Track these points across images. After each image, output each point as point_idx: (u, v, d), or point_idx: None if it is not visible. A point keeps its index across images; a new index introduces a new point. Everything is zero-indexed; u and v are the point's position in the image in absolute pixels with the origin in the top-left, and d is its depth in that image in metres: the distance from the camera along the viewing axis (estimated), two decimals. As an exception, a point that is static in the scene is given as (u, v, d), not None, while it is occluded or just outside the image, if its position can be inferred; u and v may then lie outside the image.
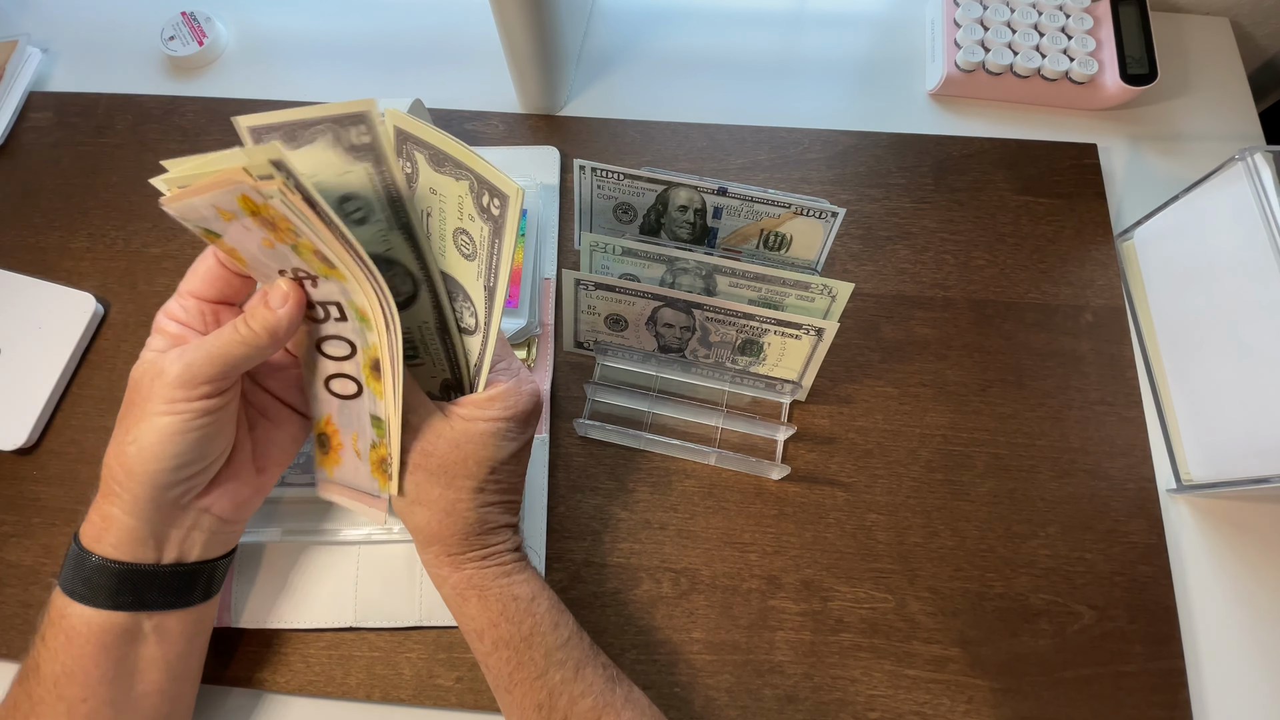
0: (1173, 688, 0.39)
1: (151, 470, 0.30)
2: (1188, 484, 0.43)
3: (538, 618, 0.33)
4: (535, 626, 0.33)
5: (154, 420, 0.30)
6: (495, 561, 0.34)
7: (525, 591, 0.34)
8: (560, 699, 0.32)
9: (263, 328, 0.30)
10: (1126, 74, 0.51)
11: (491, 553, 0.34)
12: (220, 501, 0.34)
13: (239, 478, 0.34)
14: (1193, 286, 0.44)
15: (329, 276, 0.30)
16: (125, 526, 0.31)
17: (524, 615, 0.33)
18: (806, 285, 0.41)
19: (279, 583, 0.41)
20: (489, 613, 0.33)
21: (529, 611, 0.33)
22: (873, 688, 0.40)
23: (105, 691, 0.32)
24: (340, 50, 0.58)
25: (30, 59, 0.56)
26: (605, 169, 0.42)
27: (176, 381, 0.30)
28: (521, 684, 0.33)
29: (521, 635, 0.33)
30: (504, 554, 0.34)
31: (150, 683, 0.33)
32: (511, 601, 0.33)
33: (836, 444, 0.45)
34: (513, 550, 0.35)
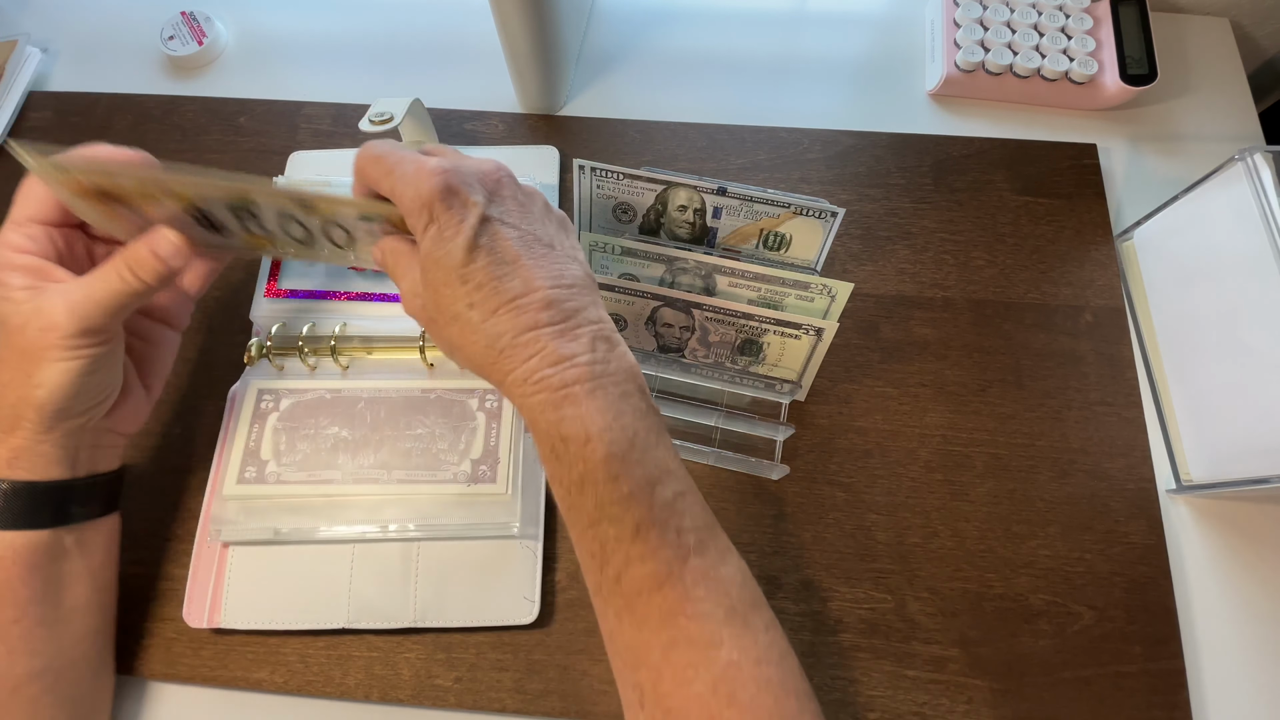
0: (1172, 688, 0.39)
1: (62, 407, 0.33)
2: (1187, 484, 0.43)
3: (590, 464, 0.27)
4: (587, 473, 0.27)
5: (56, 365, 0.32)
6: (535, 389, 0.28)
7: (576, 431, 0.27)
8: (614, 556, 0.28)
9: (153, 276, 0.33)
10: (1126, 74, 0.51)
11: (522, 379, 0.28)
12: (120, 418, 0.37)
13: (131, 395, 0.37)
14: (1193, 286, 0.44)
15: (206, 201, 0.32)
16: (39, 452, 0.33)
17: (574, 459, 0.28)
18: (806, 285, 0.41)
19: (271, 583, 0.40)
20: (540, 447, 0.29)
21: (580, 456, 0.27)
22: (872, 688, 0.40)
23: (36, 610, 0.34)
24: (340, 50, 0.58)
25: (30, 59, 0.56)
26: (605, 169, 0.42)
27: (74, 330, 0.31)
28: (575, 526, 0.29)
29: (572, 479, 0.28)
30: (544, 381, 0.28)
31: (77, 597, 0.36)
32: (560, 442, 0.28)
33: (836, 444, 0.45)
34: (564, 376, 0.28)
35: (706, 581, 0.27)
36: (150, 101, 0.55)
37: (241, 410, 0.42)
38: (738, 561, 0.29)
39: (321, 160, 0.51)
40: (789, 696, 0.27)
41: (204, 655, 0.40)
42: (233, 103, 0.55)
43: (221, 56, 0.58)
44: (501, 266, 0.29)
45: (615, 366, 0.29)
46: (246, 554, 0.41)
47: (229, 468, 0.41)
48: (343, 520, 0.41)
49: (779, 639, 0.28)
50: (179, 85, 0.56)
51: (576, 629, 0.41)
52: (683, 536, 0.28)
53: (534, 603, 0.40)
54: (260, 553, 0.41)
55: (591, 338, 0.29)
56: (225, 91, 0.55)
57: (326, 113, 0.54)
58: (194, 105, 0.55)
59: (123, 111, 0.55)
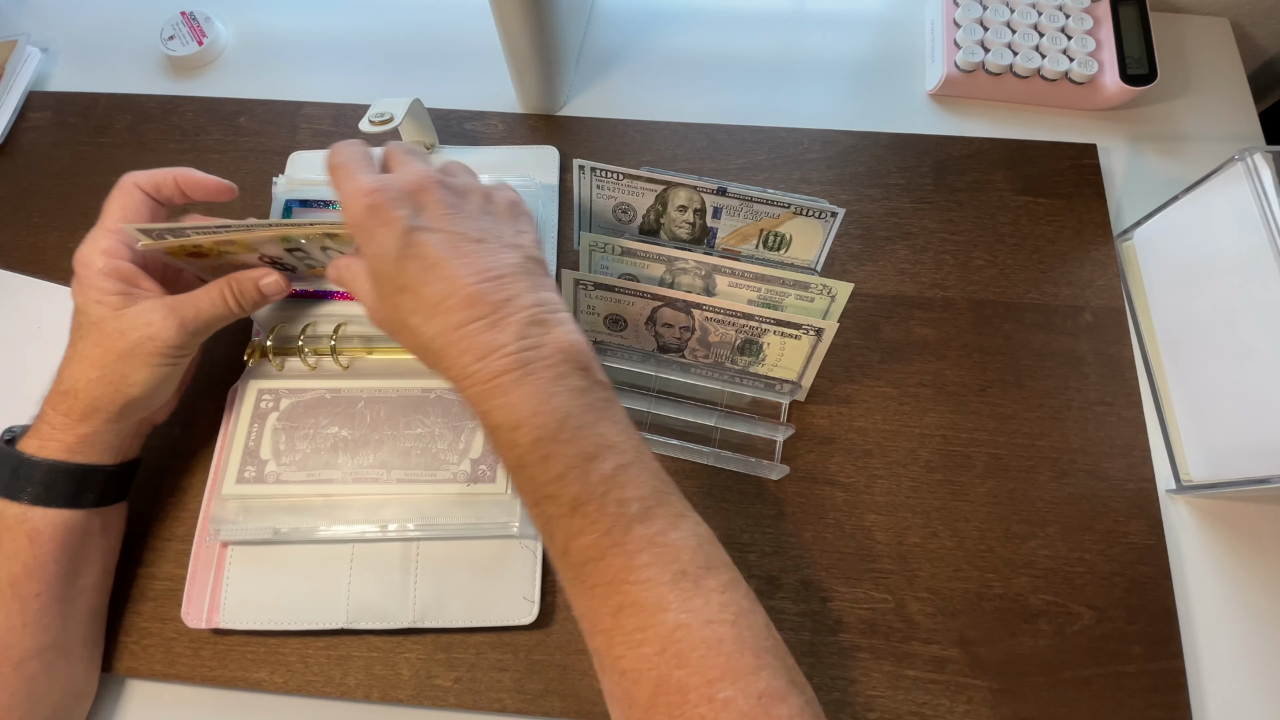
0: (1172, 688, 0.39)
1: (144, 403, 0.37)
2: (1187, 484, 0.43)
3: (521, 449, 0.29)
4: (522, 457, 0.29)
5: (154, 369, 0.36)
6: (469, 384, 0.30)
7: (505, 419, 0.29)
8: (558, 531, 0.29)
9: (251, 305, 0.39)
10: (1126, 74, 0.51)
11: (458, 376, 0.31)
12: (160, 412, 0.42)
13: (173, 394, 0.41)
14: (1193, 286, 0.44)
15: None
16: (102, 440, 0.37)
17: (508, 445, 0.30)
18: (806, 285, 0.41)
19: (269, 582, 0.40)
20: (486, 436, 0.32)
21: (512, 442, 0.29)
22: (872, 688, 0.40)
23: (58, 586, 0.36)
24: (340, 50, 0.58)
25: (30, 59, 0.56)
26: (605, 169, 0.42)
27: (179, 342, 0.36)
28: (526, 505, 0.30)
29: (511, 464, 0.30)
30: (474, 375, 0.30)
31: (90, 576, 0.38)
32: (493, 430, 0.30)
33: (836, 444, 0.45)
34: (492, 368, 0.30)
35: (652, 548, 0.28)
36: (150, 101, 0.55)
37: (241, 410, 0.42)
38: (693, 527, 0.29)
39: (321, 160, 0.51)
40: (743, 654, 0.27)
41: (204, 655, 0.40)
42: (232, 103, 0.55)
43: (221, 56, 0.58)
44: (428, 272, 0.31)
45: (550, 349, 0.30)
46: (245, 554, 0.41)
47: (228, 467, 0.41)
48: (342, 520, 0.41)
49: (736, 599, 0.28)
50: (179, 85, 0.56)
51: (576, 629, 0.40)
52: (624, 506, 0.28)
53: (534, 603, 0.40)
54: (259, 552, 0.41)
55: (521, 324, 0.30)
56: (225, 91, 0.55)
57: (326, 113, 0.54)
58: (194, 105, 0.55)
59: (122, 111, 0.55)
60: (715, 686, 0.26)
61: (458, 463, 0.41)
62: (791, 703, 0.26)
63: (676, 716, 0.26)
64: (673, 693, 0.26)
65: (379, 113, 0.44)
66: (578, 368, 0.30)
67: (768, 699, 0.26)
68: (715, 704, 0.26)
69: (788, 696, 0.26)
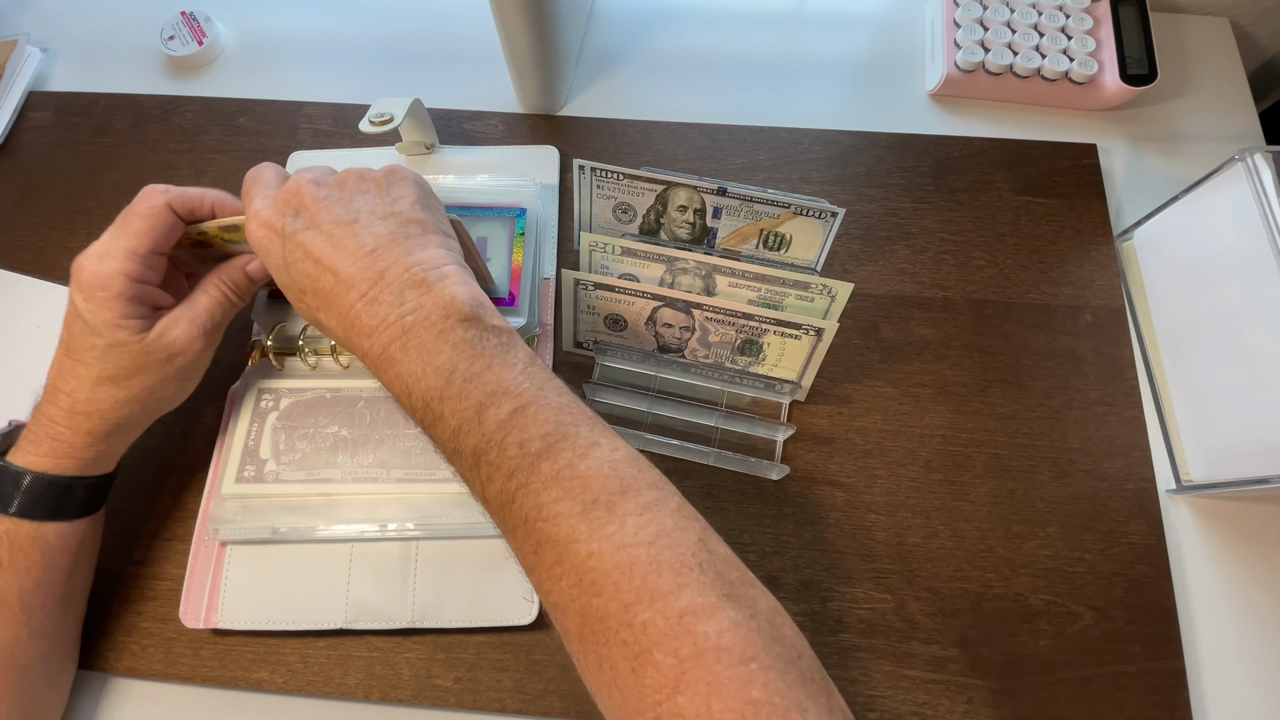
0: (1172, 688, 0.39)
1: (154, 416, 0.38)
2: (1187, 484, 0.43)
3: (418, 413, 0.31)
4: (421, 421, 0.31)
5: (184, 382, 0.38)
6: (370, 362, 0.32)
7: (399, 389, 0.31)
8: (472, 482, 0.30)
9: (245, 292, 0.39)
10: (1126, 74, 0.51)
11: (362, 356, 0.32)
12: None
13: None
14: (1193, 287, 0.44)
15: None
16: (115, 452, 0.38)
17: (410, 412, 0.31)
18: (806, 285, 0.41)
19: (268, 583, 0.40)
20: None
21: (410, 408, 0.31)
22: (872, 688, 0.40)
23: (61, 592, 0.36)
24: (340, 50, 0.58)
25: (30, 59, 0.56)
26: (605, 169, 0.42)
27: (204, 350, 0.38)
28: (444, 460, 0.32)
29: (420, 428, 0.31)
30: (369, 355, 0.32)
31: (82, 577, 0.39)
32: (396, 401, 0.32)
33: (836, 444, 0.45)
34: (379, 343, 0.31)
35: (559, 483, 0.28)
36: (150, 101, 0.55)
37: (241, 409, 0.42)
38: (607, 454, 0.29)
39: (321, 160, 0.51)
40: (660, 574, 0.26)
41: (204, 655, 0.40)
42: (233, 103, 0.55)
43: (221, 56, 0.58)
44: (314, 268, 0.32)
45: (429, 309, 0.31)
46: (244, 553, 0.41)
47: (228, 466, 0.41)
48: (341, 519, 0.40)
49: (657, 519, 0.27)
50: (179, 85, 0.56)
51: (576, 629, 0.41)
52: (525, 448, 0.28)
53: (533, 603, 0.40)
54: (257, 552, 0.41)
55: (398, 291, 0.31)
56: (225, 91, 0.55)
57: (326, 113, 0.54)
58: (194, 105, 0.55)
59: (123, 111, 0.55)
60: (632, 610, 0.25)
61: None
62: (721, 618, 0.25)
63: (601, 644, 0.26)
64: (595, 621, 0.26)
65: (379, 113, 0.44)
66: (462, 320, 0.31)
67: (690, 617, 0.25)
68: (634, 628, 0.25)
69: (715, 612, 0.25)
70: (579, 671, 0.28)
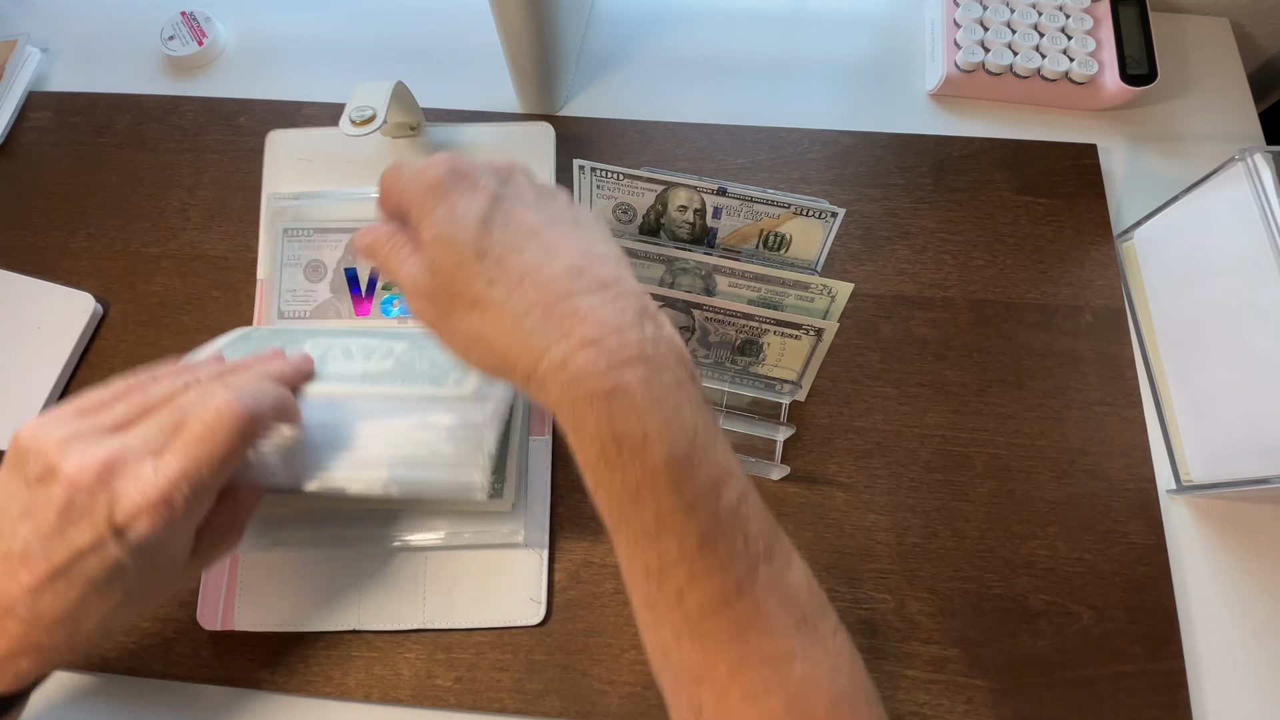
0: (1172, 688, 0.39)
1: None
2: (1187, 484, 0.43)
3: (648, 470, 0.24)
4: (644, 480, 0.24)
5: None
6: (577, 374, 0.24)
7: (632, 428, 0.24)
8: (675, 571, 0.24)
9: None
10: (1126, 74, 0.51)
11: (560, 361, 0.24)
12: None
13: None
14: (1193, 287, 0.44)
15: None
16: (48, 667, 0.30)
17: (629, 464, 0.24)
18: (806, 285, 0.41)
19: (282, 587, 0.41)
20: (583, 451, 0.25)
21: (636, 460, 0.24)
22: (872, 688, 0.40)
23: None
24: (340, 50, 0.58)
25: (30, 59, 0.56)
26: (605, 169, 0.42)
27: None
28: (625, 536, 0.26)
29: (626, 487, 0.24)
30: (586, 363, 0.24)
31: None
32: (611, 442, 0.24)
33: (836, 444, 0.45)
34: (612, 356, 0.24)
35: (776, 591, 0.25)
36: (150, 101, 0.55)
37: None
38: (801, 563, 0.26)
39: (300, 140, 0.51)
40: (862, 705, 0.25)
41: (203, 655, 0.40)
42: (232, 103, 0.55)
43: (221, 56, 0.58)
44: (523, 239, 0.26)
45: (665, 348, 0.25)
46: (258, 560, 0.41)
47: None
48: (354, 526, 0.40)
49: (846, 643, 0.26)
50: (179, 85, 0.56)
51: (576, 629, 0.41)
52: (750, 544, 0.24)
53: (540, 604, 0.40)
54: (271, 559, 0.41)
55: (638, 309, 0.25)
56: (225, 91, 0.55)
57: (326, 112, 0.54)
58: (194, 105, 0.55)
59: (122, 111, 0.55)
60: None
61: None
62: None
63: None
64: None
65: (359, 108, 0.41)
66: (691, 376, 0.25)
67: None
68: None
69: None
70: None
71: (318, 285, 0.45)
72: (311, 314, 0.45)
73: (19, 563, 0.27)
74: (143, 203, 0.51)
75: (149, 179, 0.52)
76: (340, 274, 0.46)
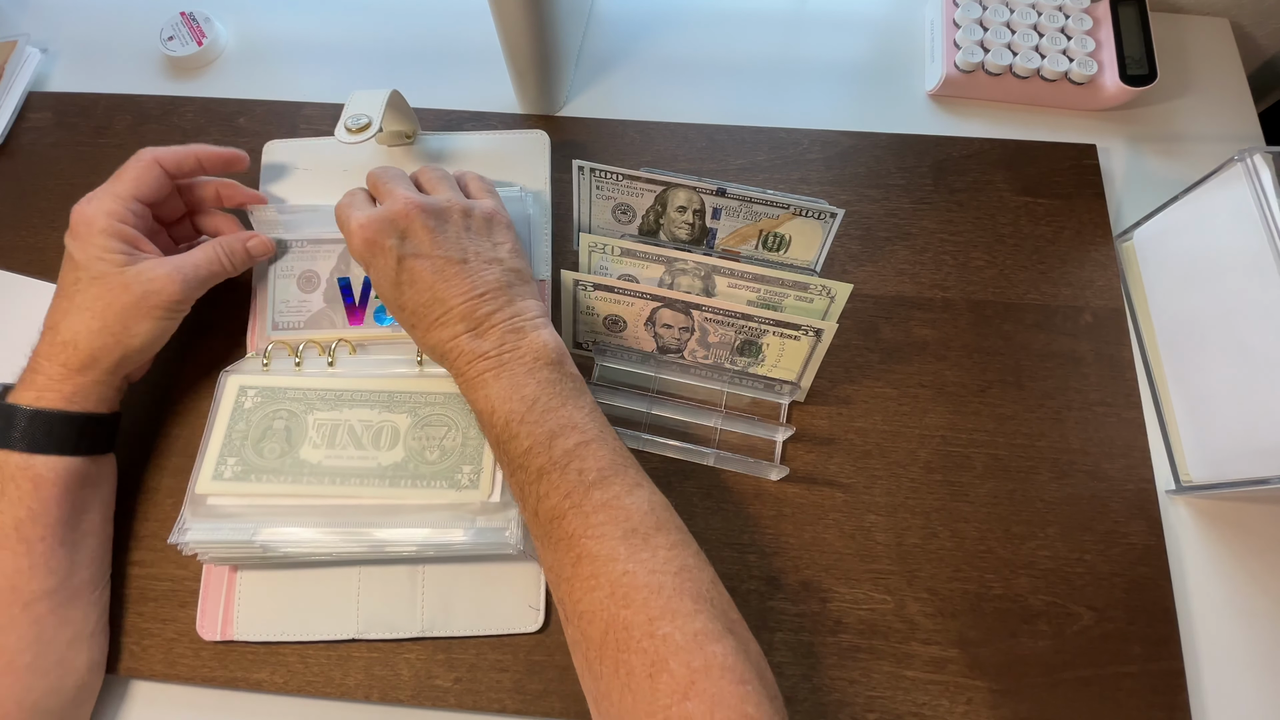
0: (1172, 689, 0.39)
1: (143, 354, 0.40)
2: (1187, 485, 0.43)
3: (497, 429, 0.36)
4: (498, 437, 0.36)
5: (155, 322, 0.39)
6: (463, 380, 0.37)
7: (484, 406, 0.36)
8: (529, 496, 0.34)
9: (241, 263, 0.43)
10: (1126, 74, 0.51)
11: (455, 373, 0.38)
12: (138, 371, 0.43)
13: None
14: (1192, 287, 0.44)
15: None
16: (97, 390, 0.39)
17: (488, 427, 0.36)
18: (805, 286, 0.41)
19: (282, 597, 0.41)
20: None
21: (490, 424, 0.36)
22: (871, 689, 0.40)
23: (60, 531, 0.38)
24: (339, 51, 0.58)
25: (29, 59, 0.56)
26: (604, 169, 0.42)
27: (180, 298, 0.40)
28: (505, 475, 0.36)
29: (491, 442, 0.37)
30: (464, 373, 0.37)
31: (90, 523, 0.40)
32: (478, 415, 0.37)
33: (835, 445, 0.45)
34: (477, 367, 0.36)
35: (606, 509, 0.32)
36: (150, 102, 0.55)
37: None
38: (647, 495, 0.34)
39: (296, 150, 0.50)
40: (682, 598, 0.30)
41: (204, 656, 0.40)
42: (232, 103, 0.55)
43: (221, 57, 0.58)
44: (422, 294, 0.37)
45: (524, 351, 0.36)
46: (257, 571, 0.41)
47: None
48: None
49: (681, 555, 0.32)
50: (178, 86, 0.56)
51: (576, 630, 0.41)
52: (584, 475, 0.33)
53: (539, 610, 0.40)
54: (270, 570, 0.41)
55: (500, 334, 0.37)
56: (224, 92, 0.55)
57: (326, 113, 0.54)
58: (193, 106, 0.55)
59: (122, 112, 0.55)
60: (655, 624, 0.29)
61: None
62: (726, 644, 0.29)
63: (623, 650, 0.30)
64: (620, 630, 0.30)
65: (355, 115, 0.43)
66: (548, 363, 0.36)
67: (703, 636, 0.29)
68: (655, 639, 0.29)
69: (723, 638, 0.29)
70: (585, 676, 0.32)
71: (311, 295, 0.45)
72: (305, 324, 0.44)
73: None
74: (142, 203, 0.51)
75: (149, 179, 0.52)
76: (334, 284, 0.45)
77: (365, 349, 0.44)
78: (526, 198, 0.48)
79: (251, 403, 0.41)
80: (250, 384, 0.42)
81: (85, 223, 0.38)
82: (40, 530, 0.37)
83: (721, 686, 0.28)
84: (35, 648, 0.37)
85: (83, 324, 0.38)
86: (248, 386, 0.42)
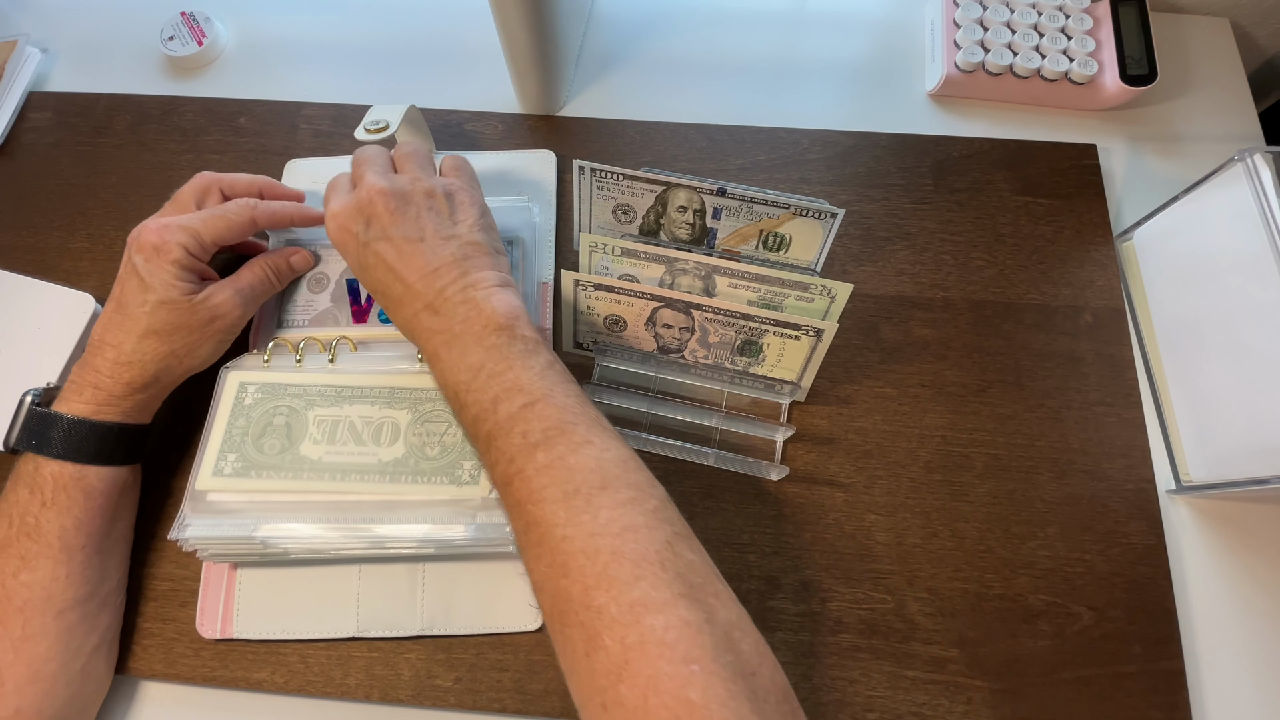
0: (1172, 689, 0.39)
1: (194, 371, 0.41)
2: (1187, 485, 0.43)
3: (451, 402, 0.36)
4: (455, 412, 0.36)
5: (218, 344, 0.42)
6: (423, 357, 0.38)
7: (438, 380, 0.36)
8: (487, 466, 0.34)
9: (286, 277, 0.45)
10: (1126, 74, 0.51)
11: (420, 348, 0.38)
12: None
13: None
14: (1193, 287, 0.44)
15: None
16: (151, 404, 0.41)
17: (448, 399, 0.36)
18: (805, 286, 0.41)
19: (281, 596, 0.41)
20: None
21: (446, 399, 0.36)
22: (871, 688, 0.40)
23: (99, 539, 0.38)
24: (339, 51, 0.58)
25: (30, 59, 0.56)
26: (604, 170, 0.42)
27: (241, 319, 0.42)
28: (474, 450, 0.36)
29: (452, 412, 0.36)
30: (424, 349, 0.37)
31: (122, 528, 0.41)
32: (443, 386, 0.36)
33: (835, 445, 0.45)
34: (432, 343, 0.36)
35: (551, 471, 0.30)
36: (150, 102, 0.55)
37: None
38: (597, 452, 0.31)
39: (318, 168, 0.51)
40: (620, 564, 0.27)
41: (204, 656, 0.40)
42: (232, 103, 0.55)
43: (221, 57, 0.58)
44: (385, 275, 0.38)
45: (475, 323, 0.35)
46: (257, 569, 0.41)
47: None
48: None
49: (628, 514, 0.29)
50: (179, 86, 0.56)
51: (576, 629, 0.41)
52: (528, 438, 0.31)
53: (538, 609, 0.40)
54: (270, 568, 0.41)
55: (453, 305, 0.36)
56: (225, 92, 0.55)
57: (326, 113, 0.54)
58: (193, 106, 0.55)
59: (122, 112, 0.55)
60: (591, 594, 0.27)
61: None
62: (671, 614, 0.26)
63: (566, 624, 0.28)
64: (561, 601, 0.28)
65: (374, 120, 0.45)
66: (496, 329, 0.35)
67: (640, 607, 0.26)
68: (591, 610, 0.27)
69: (667, 608, 0.26)
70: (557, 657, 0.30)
71: (319, 296, 0.46)
72: (311, 322, 0.45)
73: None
74: (143, 203, 0.51)
75: (149, 179, 0.52)
76: (342, 285, 0.46)
77: (367, 346, 0.44)
78: (533, 207, 0.49)
79: (252, 399, 0.41)
80: (250, 380, 0.42)
81: (159, 250, 0.39)
82: (82, 539, 0.37)
83: (658, 667, 0.25)
84: (63, 656, 0.37)
85: (150, 347, 0.39)
86: (248, 383, 0.42)
